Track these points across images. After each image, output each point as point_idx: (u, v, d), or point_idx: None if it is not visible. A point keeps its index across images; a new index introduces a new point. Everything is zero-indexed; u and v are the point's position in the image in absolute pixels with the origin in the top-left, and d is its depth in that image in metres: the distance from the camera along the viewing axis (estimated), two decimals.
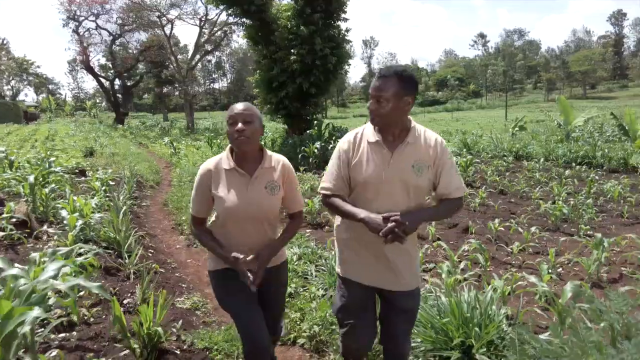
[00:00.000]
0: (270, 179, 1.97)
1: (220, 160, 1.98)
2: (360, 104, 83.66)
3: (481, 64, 72.94)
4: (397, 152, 1.85)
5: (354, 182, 1.90)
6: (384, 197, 1.84)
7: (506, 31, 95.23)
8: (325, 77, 13.47)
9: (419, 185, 1.86)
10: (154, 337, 2.16)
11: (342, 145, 1.94)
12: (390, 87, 1.75)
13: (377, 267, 1.90)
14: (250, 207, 1.90)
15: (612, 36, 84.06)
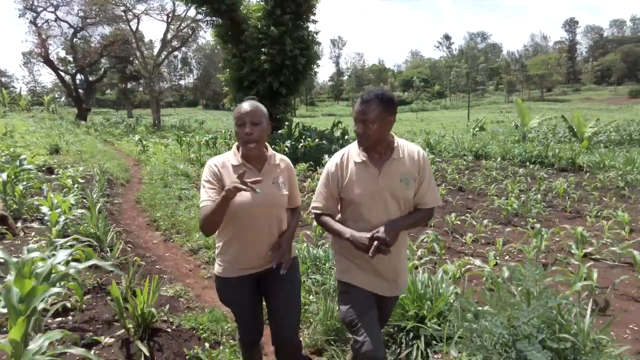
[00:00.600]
0: (276, 176, 2.04)
1: (228, 157, 2.03)
2: (329, 103, 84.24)
3: (446, 66, 75.05)
4: (385, 169, 1.96)
5: (348, 201, 2.00)
6: (378, 211, 1.95)
7: (470, 34, 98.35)
8: (295, 77, 13.76)
9: (408, 197, 1.99)
10: (147, 317, 2.40)
11: (330, 168, 2.04)
12: (373, 109, 1.86)
13: (371, 274, 2.02)
14: (259, 201, 1.93)
15: (566, 42, 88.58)
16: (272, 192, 1.99)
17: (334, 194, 2.03)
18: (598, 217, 5.74)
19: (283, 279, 2.04)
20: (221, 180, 1.94)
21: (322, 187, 2.05)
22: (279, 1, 13.06)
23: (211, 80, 79.97)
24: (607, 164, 9.93)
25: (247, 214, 1.94)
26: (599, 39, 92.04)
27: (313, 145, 11.52)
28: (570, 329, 1.80)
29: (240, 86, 13.90)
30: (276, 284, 2.05)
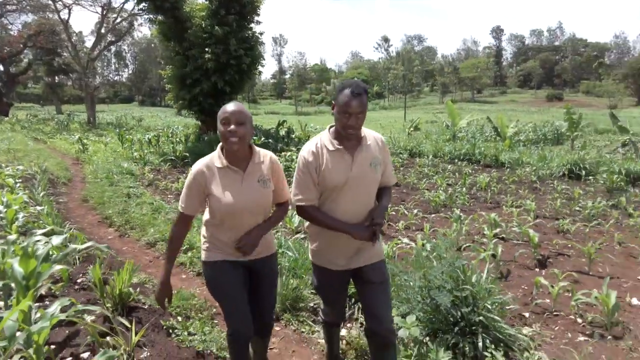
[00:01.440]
0: (261, 174, 2.07)
1: (212, 160, 2.05)
2: (271, 101, 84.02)
3: (384, 67, 77.73)
4: (357, 155, 2.05)
5: (322, 188, 2.06)
6: (347, 195, 2.05)
7: (407, 36, 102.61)
8: (240, 77, 13.99)
9: (377, 179, 2.11)
10: (125, 296, 2.72)
11: (307, 157, 2.05)
12: (364, 102, 1.97)
13: (346, 251, 2.11)
14: (246, 202, 2.00)
15: (494, 48, 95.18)
16: (257, 191, 2.04)
17: (314, 183, 2.05)
18: (512, 206, 6.66)
19: (267, 272, 2.18)
20: (204, 185, 2.00)
21: (302, 177, 2.06)
22: (223, 1, 13.22)
23: (148, 76, 76.85)
24: (524, 160, 11.14)
25: (233, 214, 1.99)
26: (521, 46, 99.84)
27: (259, 144, 11.86)
28: (470, 282, 2.40)
29: (184, 84, 13.88)
30: (261, 280, 2.17)
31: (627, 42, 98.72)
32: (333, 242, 2.10)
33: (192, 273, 3.97)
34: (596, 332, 2.77)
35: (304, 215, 2.11)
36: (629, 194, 7.64)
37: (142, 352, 2.38)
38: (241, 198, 1.99)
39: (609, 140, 19.59)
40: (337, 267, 2.13)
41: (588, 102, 57.91)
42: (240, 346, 2.13)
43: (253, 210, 2.04)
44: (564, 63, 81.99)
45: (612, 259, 4.16)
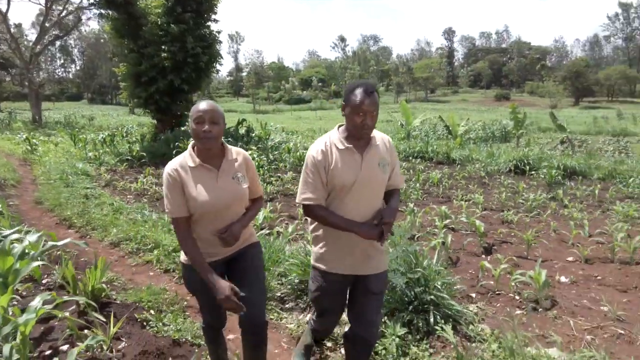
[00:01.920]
0: (236, 171, 2.09)
1: (184, 159, 2.03)
2: (228, 99, 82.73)
3: (341, 67, 78.63)
4: (366, 154, 2.04)
5: (331, 188, 2.04)
6: (355, 195, 2.03)
7: (363, 36, 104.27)
8: (198, 75, 13.86)
9: (384, 180, 2.10)
10: (97, 292, 2.80)
11: (315, 156, 2.04)
12: (376, 101, 1.97)
13: (352, 257, 2.07)
14: (222, 199, 2.00)
15: (446, 49, 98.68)
16: (232, 188, 2.05)
17: (323, 182, 2.04)
18: (462, 200, 7.14)
19: (250, 265, 2.15)
20: (181, 184, 1.98)
21: (310, 177, 2.05)
22: None
23: (97, 72, 73.48)
24: (474, 157, 11.82)
25: (211, 212, 2.00)
26: (471, 47, 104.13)
27: None
28: (421, 266, 2.70)
29: (139, 82, 13.57)
30: (243, 270, 2.13)
31: (566, 47, 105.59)
32: (340, 245, 2.07)
33: (159, 270, 4.05)
34: (530, 305, 3.17)
35: (311, 215, 2.08)
36: (565, 187, 8.38)
37: (120, 343, 2.49)
38: (217, 195, 1.99)
39: (551, 137, 21.05)
40: (341, 272, 2.08)
41: (532, 101, 61.36)
42: (212, 333, 2.28)
43: (230, 207, 2.04)
44: (511, 64, 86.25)
45: (547, 245, 4.66)
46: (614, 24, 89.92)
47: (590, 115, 35.69)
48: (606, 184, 8.76)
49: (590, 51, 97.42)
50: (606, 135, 24.28)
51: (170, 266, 4.01)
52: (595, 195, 7.45)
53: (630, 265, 4.03)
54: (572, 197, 7.49)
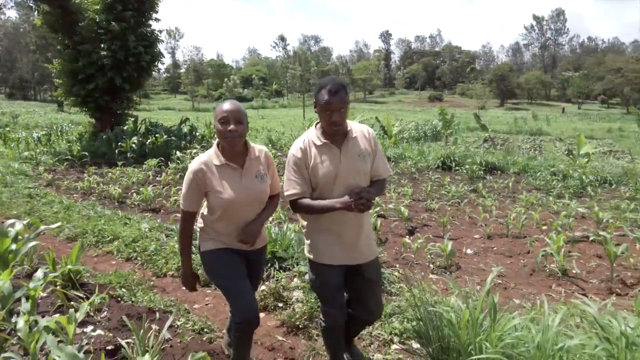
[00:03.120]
0: (258, 169, 2.17)
1: (210, 157, 2.13)
2: (165, 96, 79.99)
3: (282, 66, 78.96)
4: (344, 148, 2.14)
5: (315, 183, 2.16)
6: (341, 187, 2.11)
7: (304, 36, 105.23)
8: (139, 74, 13.77)
9: (366, 171, 2.19)
10: (75, 273, 3.16)
11: (296, 154, 2.16)
12: (343, 98, 2.05)
13: (342, 248, 2.18)
14: (246, 197, 2.10)
15: (383, 51, 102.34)
16: (256, 186, 2.15)
17: (305, 177, 2.15)
18: (394, 192, 7.98)
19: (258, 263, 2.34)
20: (204, 183, 2.09)
21: (292, 174, 2.16)
22: None
23: (16, 65, 67.95)
24: (406, 155, 12.84)
25: (234, 209, 2.11)
26: (407, 50, 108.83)
27: (162, 142, 11.88)
28: None
29: (76, 79, 13.23)
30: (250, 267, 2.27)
31: (492, 52, 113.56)
32: (328, 237, 2.19)
33: (121, 259, 4.39)
34: (440, 270, 3.98)
35: (298, 208, 2.18)
36: (485, 181, 9.55)
37: (101, 313, 2.90)
38: (241, 193, 2.08)
39: (477, 136, 23.00)
40: (334, 262, 2.19)
41: (463, 102, 65.56)
42: (248, 333, 2.17)
43: (252, 204, 2.15)
44: (443, 67, 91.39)
45: (459, 226, 5.57)
46: (530, 34, 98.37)
47: (513, 116, 39.10)
48: (519, 177, 10.07)
49: (514, 57, 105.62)
50: (525, 135, 26.86)
51: (132, 254, 4.36)
52: (509, 187, 8.62)
53: (519, 239, 5.06)
54: (490, 189, 8.60)
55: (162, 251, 4.29)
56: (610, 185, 9.42)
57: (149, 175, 8.88)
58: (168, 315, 2.90)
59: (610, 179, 9.75)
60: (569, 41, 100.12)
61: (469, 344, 1.97)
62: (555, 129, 30.72)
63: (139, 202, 6.81)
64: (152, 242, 4.54)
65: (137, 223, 5.27)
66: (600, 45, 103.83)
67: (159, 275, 3.92)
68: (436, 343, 2.17)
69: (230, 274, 2.13)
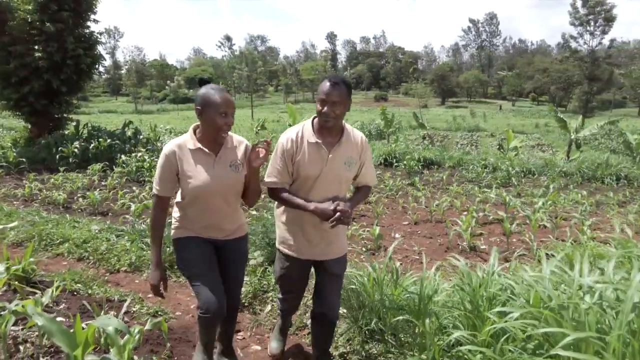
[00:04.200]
0: (234, 159, 2.14)
1: (184, 141, 2.11)
2: (105, 98, 76.45)
3: (228, 66, 78.04)
4: (334, 151, 2.15)
5: (296, 175, 2.16)
6: (319, 188, 2.15)
7: (250, 36, 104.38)
8: (79, 77, 13.39)
9: (348, 177, 2.23)
10: (29, 272, 3.34)
11: (285, 144, 2.16)
12: (341, 92, 2.05)
13: (312, 243, 2.21)
14: (217, 184, 2.06)
15: (330, 52, 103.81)
16: (228, 175, 2.12)
17: (288, 169, 2.16)
18: None
19: (236, 257, 2.29)
20: (176, 166, 2.07)
21: (277, 162, 2.18)
22: None
23: None
24: None
25: (203, 196, 2.09)
26: (353, 51, 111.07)
27: (105, 146, 11.71)
28: None
29: (8, 82, 12.66)
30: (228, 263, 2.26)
31: (434, 52, 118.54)
32: (300, 231, 2.22)
33: (73, 259, 4.53)
34: (369, 252, 4.53)
35: (275, 196, 2.22)
36: (422, 175, 10.34)
37: (60, 305, 3.12)
38: (212, 180, 2.05)
39: (418, 134, 24.26)
40: (301, 256, 2.23)
41: (407, 102, 68.04)
42: (210, 324, 2.14)
43: (223, 193, 2.12)
44: (387, 67, 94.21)
45: (391, 215, 6.19)
46: (468, 35, 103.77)
47: (453, 114, 41.30)
48: (454, 171, 10.97)
49: (454, 57, 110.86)
50: (463, 131, 28.57)
51: (83, 255, 4.52)
52: (443, 180, 9.42)
53: (441, 223, 5.77)
54: (426, 182, 9.37)
55: (114, 250, 4.49)
56: (533, 175, 10.55)
57: (94, 179, 8.84)
58: (123, 303, 3.18)
59: (533, 169, 10.90)
60: (502, 42, 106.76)
61: (376, 300, 2.46)
62: (491, 125, 32.95)
63: (85, 206, 6.84)
64: (103, 242, 4.72)
65: (86, 225, 5.39)
66: (529, 46, 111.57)
67: (112, 272, 4.14)
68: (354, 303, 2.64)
69: (198, 263, 2.12)
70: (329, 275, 2.29)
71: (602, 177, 10.22)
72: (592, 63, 52.85)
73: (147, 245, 4.60)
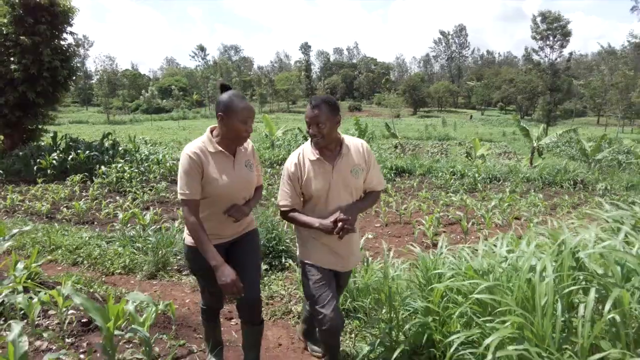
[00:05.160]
0: (247, 158, 2.29)
1: (204, 144, 2.17)
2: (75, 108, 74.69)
3: (202, 76, 77.81)
4: (337, 163, 2.24)
5: (307, 195, 2.29)
6: (333, 200, 2.25)
7: (224, 46, 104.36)
8: (55, 89, 13.45)
9: (358, 185, 2.30)
10: (33, 274, 3.64)
11: (290, 168, 2.30)
12: (323, 112, 2.15)
13: (331, 254, 2.32)
14: (239, 184, 2.19)
15: (304, 62, 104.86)
16: (246, 175, 2.26)
17: (297, 191, 2.29)
18: None
19: (249, 248, 2.36)
20: (201, 168, 2.12)
21: (286, 186, 2.32)
22: (30, 9, 12.60)
23: None
24: None
25: (227, 196, 2.18)
26: (326, 61, 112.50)
27: (84, 157, 11.81)
28: (276, 229, 4.24)
29: None
30: (243, 253, 2.33)
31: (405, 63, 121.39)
32: (319, 243, 2.32)
33: (67, 264, 4.81)
34: None
35: (285, 217, 2.38)
36: (394, 182, 10.92)
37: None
38: (235, 180, 2.18)
39: (391, 144, 25.04)
40: (324, 265, 2.32)
41: (380, 112, 69.36)
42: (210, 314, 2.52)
43: (243, 191, 2.25)
44: (361, 78, 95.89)
45: (365, 218, 6.70)
46: (438, 47, 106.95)
47: (424, 123, 42.56)
48: (424, 178, 11.61)
49: (425, 68, 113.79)
50: (434, 140, 29.57)
51: (77, 260, 4.81)
52: (414, 186, 10.01)
53: (408, 224, 6.32)
54: (398, 189, 9.94)
55: (107, 254, 4.80)
56: (498, 181, 11.29)
57: (75, 190, 8.99)
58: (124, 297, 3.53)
59: (498, 176, 11.66)
60: (471, 53, 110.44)
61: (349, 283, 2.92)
62: (461, 134, 34.19)
63: (70, 216, 7.05)
64: (95, 248, 5.01)
65: (76, 233, 5.65)
66: (497, 57, 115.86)
67: (107, 274, 4.46)
68: None
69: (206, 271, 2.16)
70: (338, 287, 2.45)
71: (561, 182, 11.05)
72: (553, 74, 55.63)
73: (137, 249, 4.94)
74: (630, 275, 1.53)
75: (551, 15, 53.79)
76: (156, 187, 9.39)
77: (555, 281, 1.58)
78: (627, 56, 53.96)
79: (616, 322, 1.42)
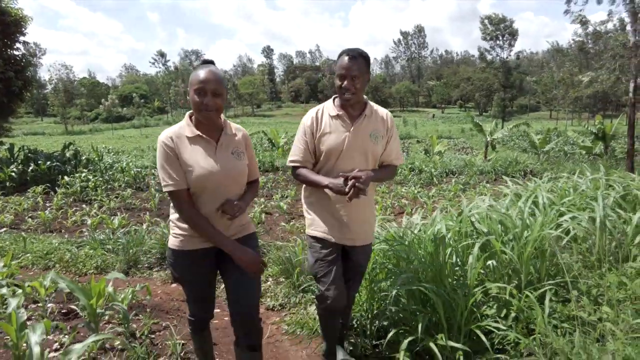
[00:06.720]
0: (235, 146, 1.98)
1: (181, 129, 1.92)
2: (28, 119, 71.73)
3: (163, 82, 76.47)
4: (357, 123, 2.11)
5: (319, 152, 2.13)
6: (345, 163, 2.09)
7: (185, 51, 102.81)
8: (9, 100, 13.22)
9: (376, 152, 2.15)
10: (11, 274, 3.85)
11: (306, 122, 2.17)
12: (360, 65, 2.01)
13: (340, 226, 2.16)
14: (222, 172, 1.89)
15: (267, 66, 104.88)
16: (232, 163, 1.95)
17: (310, 146, 2.16)
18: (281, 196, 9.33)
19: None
20: (177, 154, 1.87)
21: (299, 140, 2.19)
22: None
23: None
24: None
25: (212, 188, 1.89)
26: (290, 65, 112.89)
27: (45, 168, 11.68)
28: None
29: None
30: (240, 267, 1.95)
31: None
32: (327, 212, 2.18)
33: (39, 269, 4.96)
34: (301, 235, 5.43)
35: (295, 175, 2.24)
36: None
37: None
38: (215, 168, 1.89)
39: None
40: (332, 239, 2.16)
41: None
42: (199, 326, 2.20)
43: (229, 184, 1.94)
44: (324, 81, 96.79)
45: None
46: (398, 47, 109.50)
47: None
48: None
49: (386, 69, 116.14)
50: None
51: (49, 264, 4.98)
52: None
53: None
54: None
55: (79, 257, 5.00)
56: (454, 175, 12.02)
57: (38, 201, 8.97)
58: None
59: (454, 170, 12.40)
60: (430, 54, 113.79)
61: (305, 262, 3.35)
62: (422, 132, 35.39)
63: (36, 225, 7.11)
64: (65, 252, 5.19)
65: (44, 240, 5.78)
66: (455, 57, 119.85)
67: (80, 275, 4.67)
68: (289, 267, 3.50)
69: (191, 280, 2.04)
70: (354, 265, 2.26)
71: (512, 173, 11.88)
72: (506, 72, 58.37)
73: (108, 251, 5.17)
74: (508, 230, 2.02)
75: (496, 17, 56.50)
76: (122, 194, 9.48)
77: (454, 239, 2.06)
78: (572, 54, 57.36)
79: (493, 265, 1.90)
